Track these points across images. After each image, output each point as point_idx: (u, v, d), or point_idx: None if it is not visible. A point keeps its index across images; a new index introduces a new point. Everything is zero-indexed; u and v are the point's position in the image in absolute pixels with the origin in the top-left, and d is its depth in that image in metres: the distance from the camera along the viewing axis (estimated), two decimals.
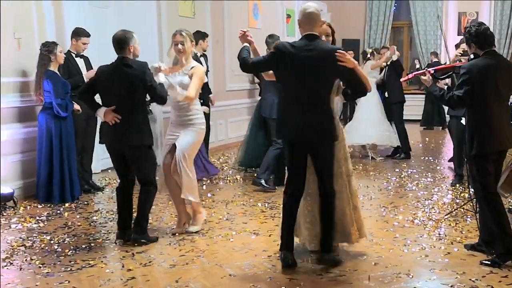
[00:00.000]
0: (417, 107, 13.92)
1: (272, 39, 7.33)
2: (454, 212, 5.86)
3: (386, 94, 9.41)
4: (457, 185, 7.18)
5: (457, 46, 8.06)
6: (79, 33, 6.94)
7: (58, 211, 6.18)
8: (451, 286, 4.03)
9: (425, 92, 4.53)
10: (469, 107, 4.45)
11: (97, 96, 5.11)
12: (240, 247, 4.91)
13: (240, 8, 11.35)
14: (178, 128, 5.23)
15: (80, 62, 6.98)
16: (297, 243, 4.61)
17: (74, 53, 6.94)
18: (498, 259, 4.36)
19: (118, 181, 5.17)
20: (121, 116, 4.83)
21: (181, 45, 5.15)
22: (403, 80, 5.45)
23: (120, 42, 4.86)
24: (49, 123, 6.46)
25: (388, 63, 9.34)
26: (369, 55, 10.06)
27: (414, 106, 14.08)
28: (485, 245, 4.61)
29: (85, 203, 6.57)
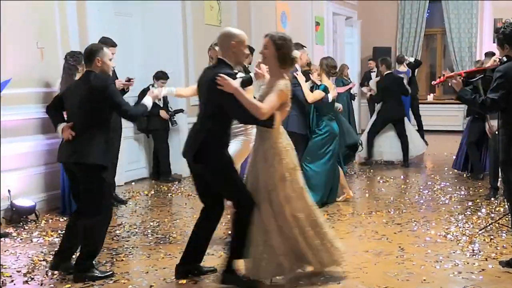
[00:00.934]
0: (455, 117, 14.14)
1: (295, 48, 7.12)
2: (489, 227, 5.69)
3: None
4: (492, 199, 6.96)
5: (487, 55, 7.99)
6: (106, 43, 6.85)
7: None
8: None
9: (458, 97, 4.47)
10: (503, 111, 4.31)
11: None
12: None
13: (268, 16, 11.09)
14: (232, 138, 5.14)
15: None
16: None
17: None
18: None
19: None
20: (77, 132, 4.41)
21: None
22: (435, 83, 5.24)
23: (87, 54, 4.60)
24: None
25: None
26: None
27: (452, 116, 14.32)
28: None
29: None
